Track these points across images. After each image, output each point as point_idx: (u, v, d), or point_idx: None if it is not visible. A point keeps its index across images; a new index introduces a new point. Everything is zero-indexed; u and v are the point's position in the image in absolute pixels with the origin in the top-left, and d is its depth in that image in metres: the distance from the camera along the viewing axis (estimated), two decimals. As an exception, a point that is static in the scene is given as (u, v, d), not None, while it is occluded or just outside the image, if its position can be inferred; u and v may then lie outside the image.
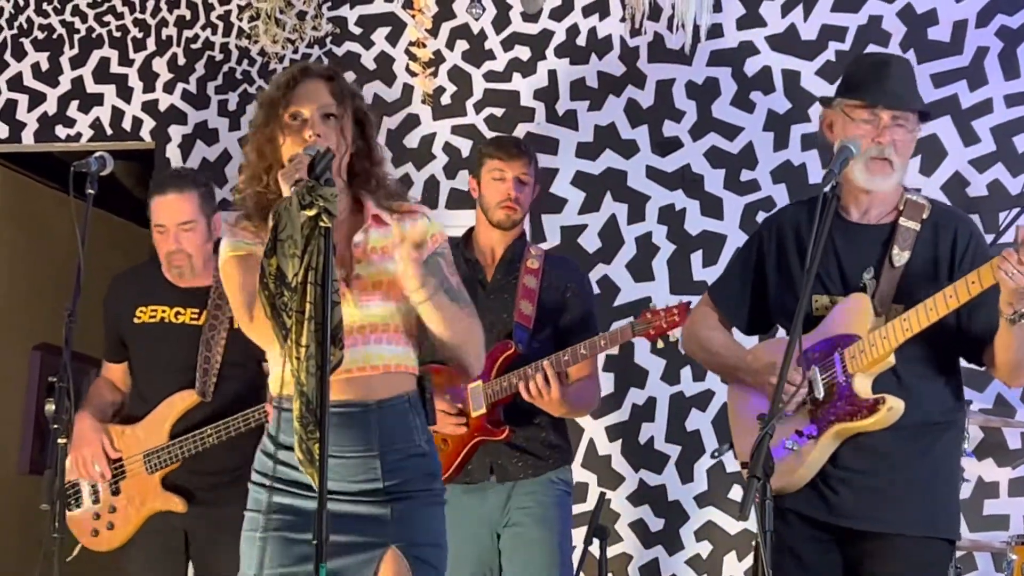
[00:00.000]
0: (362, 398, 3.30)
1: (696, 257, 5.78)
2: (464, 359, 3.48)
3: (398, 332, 3.37)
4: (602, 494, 5.02)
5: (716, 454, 5.39)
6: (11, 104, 6.50)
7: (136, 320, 4.70)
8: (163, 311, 4.69)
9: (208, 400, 4.60)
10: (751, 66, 5.84)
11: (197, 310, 4.66)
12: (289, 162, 3.25)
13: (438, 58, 6.07)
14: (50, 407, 3.95)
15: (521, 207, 4.65)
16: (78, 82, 6.46)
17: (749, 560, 5.53)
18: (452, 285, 3.44)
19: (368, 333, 3.33)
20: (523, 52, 6.06)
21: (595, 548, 4.89)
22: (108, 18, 6.46)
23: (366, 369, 3.31)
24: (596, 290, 5.32)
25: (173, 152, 6.32)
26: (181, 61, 6.37)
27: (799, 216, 3.84)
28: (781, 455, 3.60)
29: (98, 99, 6.42)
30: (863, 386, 3.63)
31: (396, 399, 3.36)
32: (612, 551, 5.53)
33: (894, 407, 3.59)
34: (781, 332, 4.04)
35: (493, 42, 6.10)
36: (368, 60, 6.16)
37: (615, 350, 5.17)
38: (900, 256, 3.68)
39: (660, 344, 4.51)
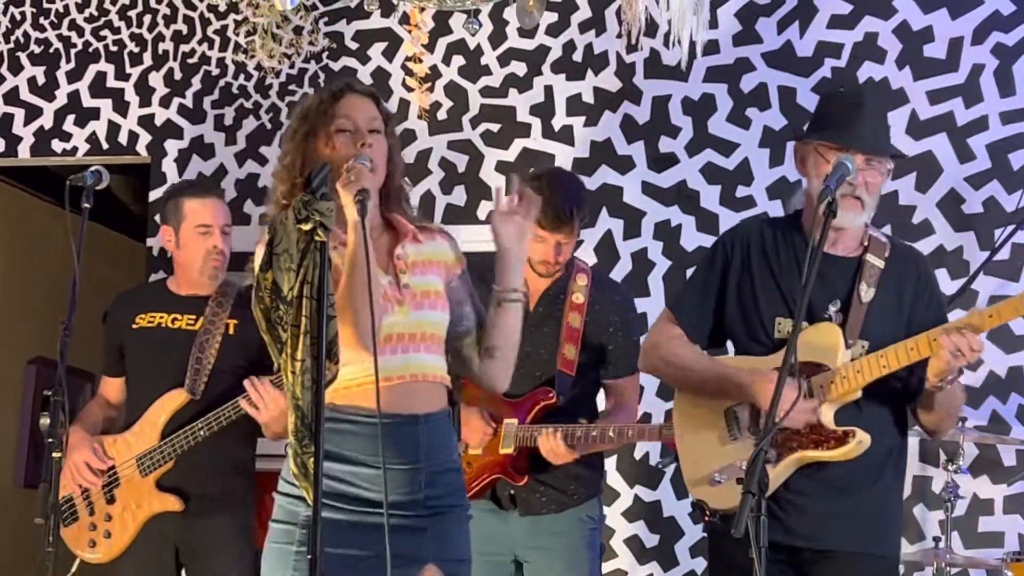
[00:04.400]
0: (409, 410, 3.25)
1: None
2: (506, 371, 3.50)
3: (439, 343, 3.34)
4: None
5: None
6: (7, 118, 6.50)
7: (135, 326, 4.72)
8: (161, 317, 4.72)
9: (198, 399, 4.58)
10: (747, 82, 5.85)
11: (194, 316, 4.69)
12: (346, 172, 3.18)
13: (434, 73, 6.07)
14: (45, 421, 3.93)
15: (560, 263, 4.50)
16: (74, 96, 6.46)
17: (744, 576, 5.52)
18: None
19: (413, 342, 3.29)
20: (519, 68, 6.07)
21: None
22: (105, 32, 6.46)
23: (405, 377, 3.25)
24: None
25: (169, 166, 6.32)
26: (177, 75, 6.37)
27: (764, 234, 3.81)
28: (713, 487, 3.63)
29: (94, 113, 6.43)
30: (828, 416, 3.63)
31: (441, 412, 3.34)
32: (607, 567, 5.52)
33: (863, 441, 3.60)
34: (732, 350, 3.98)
35: (489, 57, 6.11)
36: (364, 75, 6.16)
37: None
38: (867, 292, 3.70)
39: None
